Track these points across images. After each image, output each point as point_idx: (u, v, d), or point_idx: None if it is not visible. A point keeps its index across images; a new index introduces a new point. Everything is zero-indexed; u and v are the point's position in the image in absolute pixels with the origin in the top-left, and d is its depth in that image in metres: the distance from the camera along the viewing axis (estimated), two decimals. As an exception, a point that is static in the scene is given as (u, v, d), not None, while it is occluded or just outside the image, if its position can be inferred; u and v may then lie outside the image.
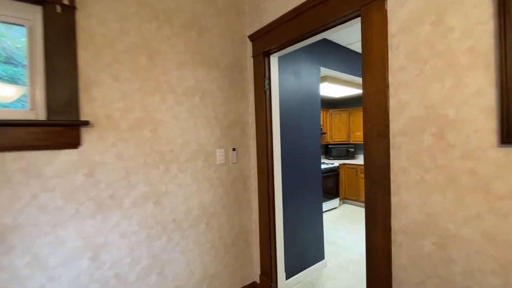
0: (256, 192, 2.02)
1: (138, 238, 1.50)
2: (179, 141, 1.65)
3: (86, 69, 1.35)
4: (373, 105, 1.20)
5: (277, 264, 1.99)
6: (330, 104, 5.89)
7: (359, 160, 5.35)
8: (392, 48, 1.14)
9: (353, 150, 5.43)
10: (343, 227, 3.85)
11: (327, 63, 2.75)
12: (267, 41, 1.81)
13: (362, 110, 1.26)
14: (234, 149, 1.91)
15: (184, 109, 1.68)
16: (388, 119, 1.16)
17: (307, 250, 2.47)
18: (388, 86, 1.15)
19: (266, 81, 1.87)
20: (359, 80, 3.39)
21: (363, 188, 4.72)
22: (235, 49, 1.95)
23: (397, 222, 1.15)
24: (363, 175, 4.92)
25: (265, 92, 1.87)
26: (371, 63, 1.20)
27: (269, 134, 1.89)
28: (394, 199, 1.16)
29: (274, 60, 1.92)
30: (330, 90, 4.13)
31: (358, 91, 4.35)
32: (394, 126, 1.14)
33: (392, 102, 1.15)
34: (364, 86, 1.23)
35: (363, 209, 4.76)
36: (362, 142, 5.33)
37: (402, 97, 1.12)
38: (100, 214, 1.38)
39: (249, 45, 2.01)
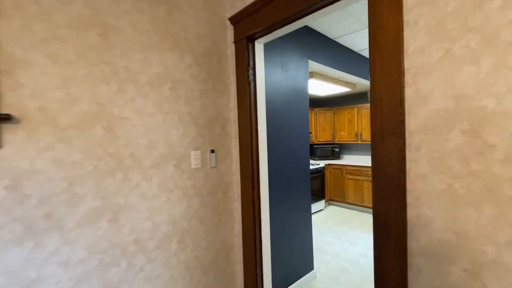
0: (239, 201, 1.74)
1: (86, 267, 1.16)
2: (142, 142, 1.33)
3: (9, 45, 1.00)
4: (384, 97, 0.96)
5: (263, 282, 1.72)
6: (315, 102, 5.74)
7: (344, 160, 5.24)
8: (408, 25, 0.91)
9: (338, 150, 5.30)
10: (331, 231, 3.67)
11: (316, 56, 2.54)
12: (251, 23, 1.54)
13: (346, 109, 1.02)
14: (212, 151, 1.62)
15: (150, 103, 1.36)
16: (404, 114, 0.93)
17: (295, 261, 2.22)
18: (403, 73, 0.92)
19: (250, 71, 1.60)
20: (347, 77, 3.22)
21: (350, 190, 4.59)
22: (214, 33, 1.66)
23: (415, 242, 0.92)
24: (348, 176, 4.82)
25: (249, 83, 1.60)
26: (382, 44, 0.97)
27: (254, 133, 1.62)
28: (411, 214, 0.93)
29: (259, 47, 1.65)
30: (316, 88, 3.94)
31: (343, 90, 4.20)
32: (412, 122, 0.92)
33: (409, 93, 0.92)
34: (372, 73, 1.00)
35: (349, 211, 4.63)
36: (347, 142, 5.26)
37: (421, 86, 0.89)
38: (30, 241, 1.03)
39: (230, 29, 1.72)
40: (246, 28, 1.58)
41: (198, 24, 1.57)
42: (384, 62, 0.96)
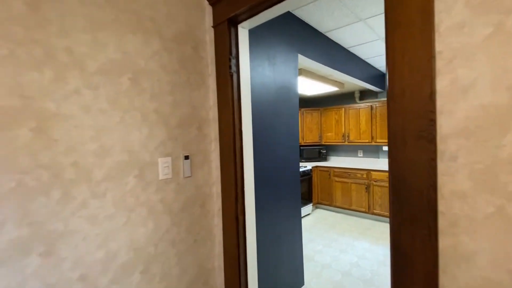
0: (220, 216, 1.47)
1: (4, 322, 0.84)
2: (91, 147, 1.02)
3: None
4: (408, 89, 0.73)
5: (249, 311, 1.46)
6: (302, 102, 5.57)
7: (331, 162, 5.10)
8: (441, -7, 0.69)
9: (325, 151, 5.16)
10: (319, 237, 3.48)
11: (306, 51, 2.31)
12: (233, 3, 1.27)
13: (333, 110, 0.80)
14: (187, 157, 1.33)
15: (102, 97, 1.06)
16: (435, 112, 0.70)
17: (284, 278, 1.98)
18: (434, 57, 0.70)
19: (233, 61, 1.33)
20: (336, 75, 3.03)
21: (338, 193, 4.43)
22: (189, 15, 1.37)
23: (450, 282, 0.70)
24: (336, 178, 4.67)
25: (231, 75, 1.33)
26: (404, 19, 0.74)
27: (237, 135, 1.35)
28: (445, 244, 0.70)
29: (243, 32, 1.39)
30: (304, 86, 3.74)
31: (331, 89, 4.04)
32: (446, 123, 0.69)
33: (442, 83, 0.69)
34: (391, 58, 0.77)
35: (337, 214, 4.48)
36: (334, 143, 5.12)
37: (460, 74, 0.67)
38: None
39: (208, 11, 1.44)
40: (227, 9, 1.31)
41: (167, 2, 1.28)
42: (407, 43, 0.73)
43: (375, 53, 3.23)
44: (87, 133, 1.01)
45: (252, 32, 1.60)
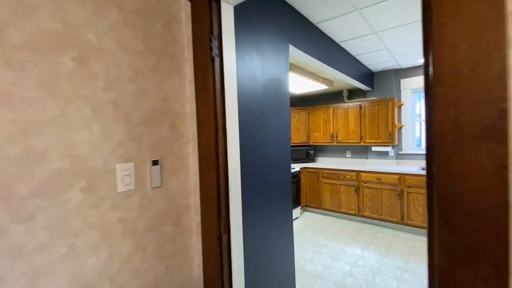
0: (199, 233, 1.20)
1: None
2: (11, 151, 0.72)
3: None
4: (465, 65, 0.51)
5: None
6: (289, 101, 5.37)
7: (320, 163, 4.95)
8: None
9: (313, 152, 5.00)
10: (309, 244, 3.28)
11: (297, 42, 2.09)
12: (215, -32, 1.01)
13: (321, 109, 0.64)
14: (155, 162, 1.05)
15: (31, 80, 0.76)
16: (507, 98, 0.48)
17: (276, 300, 1.74)
18: (504, 18, 0.48)
19: (214, 42, 1.07)
20: (326, 70, 2.85)
21: (327, 195, 4.27)
22: (158, -17, 1.10)
23: None
24: (325, 180, 4.50)
25: (213, 60, 1.06)
26: (458, -32, 0.52)
27: (220, 134, 1.09)
28: (522, 289, 0.49)
29: (227, 8, 1.13)
30: (292, 84, 3.53)
31: (320, 87, 3.87)
32: (524, 115, 0.48)
33: (519, 57, 0.48)
34: (436, 21, 0.54)
35: (326, 217, 4.32)
36: (322, 144, 4.95)
37: (548, 43, 0.45)
38: None
39: (183, -19, 1.17)
40: (207, -24, 1.05)
41: (130, -37, 1.00)
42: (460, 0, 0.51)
43: (366, 49, 3.08)
44: (4, 130, 0.71)
45: (238, 14, 1.34)
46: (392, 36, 2.70)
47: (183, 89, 1.18)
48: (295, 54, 2.21)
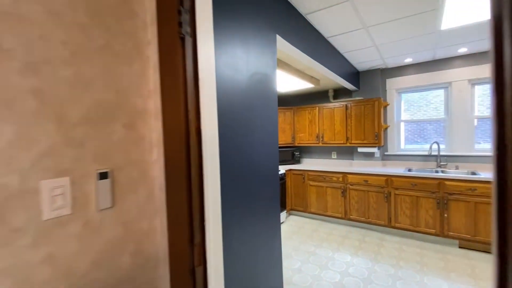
0: (167, 264, 0.94)
1: None
2: None
3: None
4: None
5: None
6: (272, 101, 5.17)
7: (305, 164, 4.79)
8: None
9: (298, 153, 4.83)
10: (296, 252, 3.09)
11: (284, 33, 1.88)
12: None
13: (306, 109, 0.45)
14: (104, 176, 0.78)
15: None
16: None
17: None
18: None
19: (185, 17, 0.82)
20: (316, 67, 2.67)
21: (313, 198, 4.10)
22: None
23: None
24: (311, 182, 4.34)
25: (183, 40, 0.81)
26: None
27: (193, 136, 0.84)
28: None
29: (202, -24, 0.88)
30: (278, 82, 3.33)
31: (307, 86, 3.70)
32: None
33: None
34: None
35: (313, 221, 4.17)
36: (307, 145, 4.78)
37: None
38: None
39: None
40: None
41: None
42: None
43: (354, 45, 2.94)
44: None
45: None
46: (383, 32, 2.57)
47: (145, 79, 0.91)
48: (283, 47, 2.00)
